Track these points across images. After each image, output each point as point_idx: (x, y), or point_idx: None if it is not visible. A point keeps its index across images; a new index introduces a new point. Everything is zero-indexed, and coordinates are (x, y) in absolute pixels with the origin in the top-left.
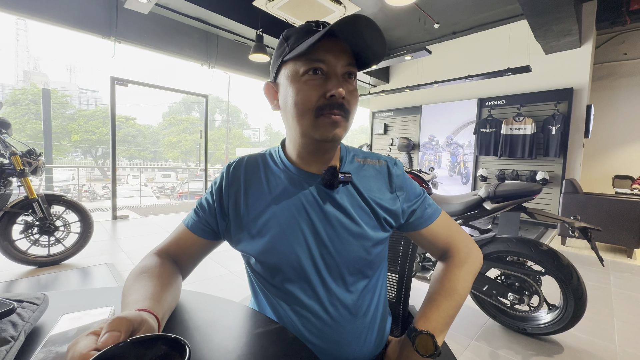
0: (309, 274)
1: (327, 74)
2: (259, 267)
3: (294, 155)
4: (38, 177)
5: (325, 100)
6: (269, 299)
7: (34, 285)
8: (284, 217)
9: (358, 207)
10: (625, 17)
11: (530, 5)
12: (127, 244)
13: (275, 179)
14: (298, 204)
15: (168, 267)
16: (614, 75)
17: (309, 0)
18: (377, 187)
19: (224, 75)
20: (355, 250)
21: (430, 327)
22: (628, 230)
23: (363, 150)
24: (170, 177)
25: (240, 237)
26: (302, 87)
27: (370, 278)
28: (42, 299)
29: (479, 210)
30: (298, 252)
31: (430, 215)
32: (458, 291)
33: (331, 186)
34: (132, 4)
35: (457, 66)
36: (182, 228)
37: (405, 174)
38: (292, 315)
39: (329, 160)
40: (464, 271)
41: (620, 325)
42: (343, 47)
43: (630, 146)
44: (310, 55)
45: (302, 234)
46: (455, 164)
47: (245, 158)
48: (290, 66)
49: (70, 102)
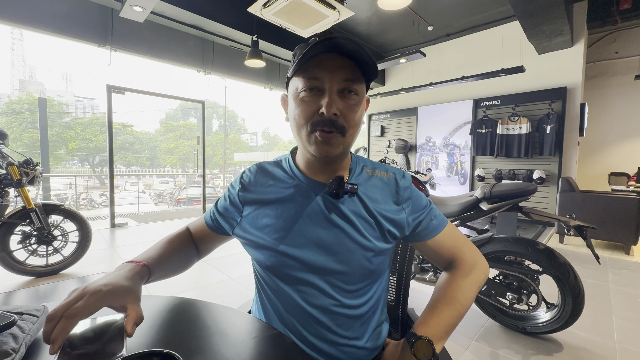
0: (312, 280)
1: (322, 90)
2: (264, 270)
3: (303, 165)
4: (35, 187)
5: (319, 116)
6: (271, 300)
7: (32, 295)
8: (289, 223)
9: (362, 218)
10: (616, 17)
11: (522, 6)
12: (125, 252)
13: (284, 186)
14: (304, 211)
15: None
16: (606, 73)
17: (303, 6)
18: (382, 199)
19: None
20: (357, 259)
21: (429, 333)
22: (625, 227)
23: (373, 161)
24: (168, 183)
25: (248, 240)
26: (300, 103)
27: (371, 285)
28: (42, 310)
29: (476, 211)
30: (302, 258)
31: (436, 226)
32: (460, 301)
33: (337, 196)
34: (128, 12)
35: (452, 68)
36: (202, 222)
37: (413, 186)
38: (294, 316)
39: (336, 170)
40: (468, 282)
41: (619, 323)
42: (340, 63)
43: (624, 143)
44: (306, 72)
45: (307, 241)
46: (453, 164)
47: (260, 165)
48: (293, 81)
49: (67, 111)
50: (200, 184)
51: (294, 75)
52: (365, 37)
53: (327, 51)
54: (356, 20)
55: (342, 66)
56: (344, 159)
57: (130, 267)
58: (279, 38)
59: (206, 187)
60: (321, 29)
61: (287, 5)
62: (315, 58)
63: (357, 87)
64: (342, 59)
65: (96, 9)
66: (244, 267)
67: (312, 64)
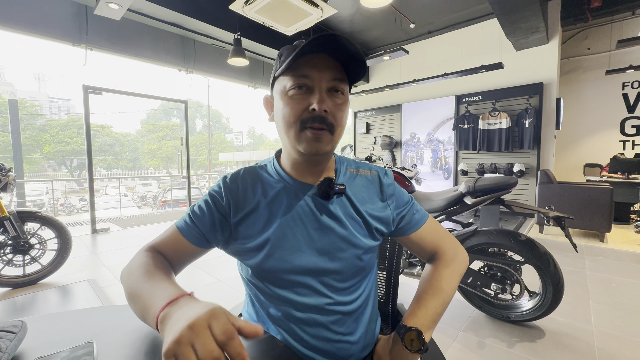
0: (306, 281)
1: (311, 89)
2: (255, 276)
3: (289, 166)
4: (9, 194)
5: (309, 113)
6: (264, 304)
7: (9, 308)
8: (280, 227)
9: (350, 217)
10: (587, 14)
11: (500, 4)
12: (108, 258)
13: (271, 190)
14: (294, 214)
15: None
16: (579, 69)
17: (286, 3)
18: (369, 197)
19: (203, 80)
20: (348, 257)
21: (418, 324)
22: (599, 216)
23: (355, 160)
24: (151, 185)
25: (237, 248)
26: (289, 101)
27: (362, 281)
28: (19, 326)
29: (460, 205)
30: (294, 261)
31: (418, 220)
32: (445, 290)
33: (327, 197)
34: (103, 10)
35: (434, 65)
36: (174, 231)
37: (395, 182)
38: (288, 318)
39: (322, 171)
40: (450, 271)
41: (595, 307)
42: (328, 63)
43: (597, 136)
44: (295, 71)
45: (298, 243)
46: (437, 159)
47: (242, 170)
48: (280, 81)
49: (41, 112)
50: (185, 186)
51: (282, 75)
52: (348, 35)
53: (321, 50)
54: (339, 18)
55: (330, 66)
56: (330, 159)
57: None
58: (263, 36)
59: (191, 189)
60: (304, 26)
61: (270, 2)
62: (304, 57)
63: (343, 87)
64: (331, 59)
65: (69, 6)
66: (232, 269)
67: (302, 63)
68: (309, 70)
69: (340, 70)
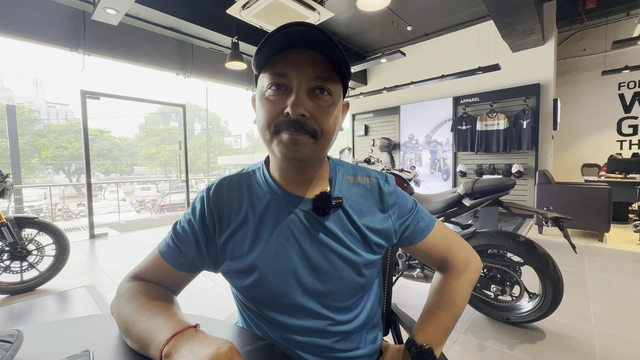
0: (301, 303)
1: (290, 89)
2: (246, 298)
3: (277, 174)
4: (6, 200)
5: (284, 117)
6: (260, 328)
7: (6, 316)
8: (272, 247)
9: (348, 232)
10: (582, 16)
11: (495, 6)
12: (107, 264)
13: (260, 202)
14: (287, 231)
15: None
16: (575, 70)
17: (282, 7)
18: (367, 209)
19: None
20: (347, 275)
21: (429, 340)
22: (598, 216)
23: (352, 165)
24: (150, 189)
25: (225, 270)
26: (264, 102)
27: (362, 297)
28: (15, 335)
29: (459, 207)
30: (289, 283)
31: (424, 228)
32: (456, 304)
33: (323, 213)
34: (100, 15)
35: (432, 67)
36: (157, 257)
37: (398, 188)
38: (288, 342)
39: (311, 180)
40: (462, 282)
41: (595, 307)
42: (311, 59)
43: (594, 136)
44: (272, 68)
45: (293, 264)
46: (436, 161)
47: (226, 180)
48: (260, 79)
49: (39, 118)
50: (184, 189)
51: (262, 72)
52: (345, 38)
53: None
54: (336, 21)
55: (313, 62)
56: (320, 166)
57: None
58: (260, 39)
59: (190, 192)
60: None
61: (267, 6)
62: (283, 52)
63: (330, 86)
64: (314, 54)
65: (66, 12)
66: None
67: (279, 58)
68: (286, 68)
69: (327, 67)
